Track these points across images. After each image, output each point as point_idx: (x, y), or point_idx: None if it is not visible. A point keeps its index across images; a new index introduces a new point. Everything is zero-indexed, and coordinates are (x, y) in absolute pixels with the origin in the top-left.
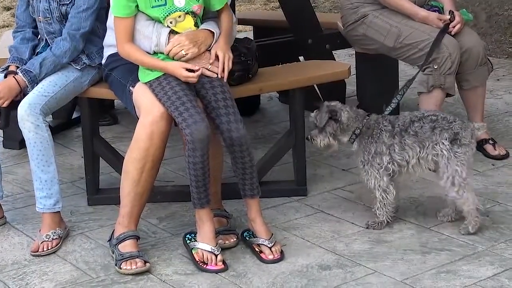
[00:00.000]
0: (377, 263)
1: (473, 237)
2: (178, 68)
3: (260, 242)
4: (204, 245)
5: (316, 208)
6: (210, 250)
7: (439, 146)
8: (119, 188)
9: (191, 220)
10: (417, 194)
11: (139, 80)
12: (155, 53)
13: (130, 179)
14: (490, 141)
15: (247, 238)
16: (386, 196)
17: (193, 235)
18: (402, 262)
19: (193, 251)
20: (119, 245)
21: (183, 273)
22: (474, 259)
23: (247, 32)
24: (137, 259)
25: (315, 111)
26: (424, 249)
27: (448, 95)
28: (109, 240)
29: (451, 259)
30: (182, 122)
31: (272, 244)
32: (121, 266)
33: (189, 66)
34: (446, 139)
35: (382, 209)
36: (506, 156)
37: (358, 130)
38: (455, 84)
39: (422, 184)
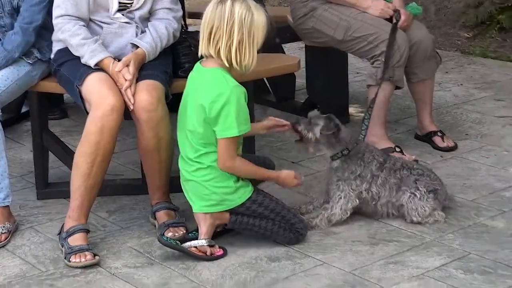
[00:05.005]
0: (326, 255)
1: (421, 228)
2: (291, 176)
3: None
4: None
5: None
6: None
7: (413, 189)
8: (69, 182)
9: (141, 213)
10: None
11: (85, 77)
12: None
13: (80, 173)
14: (439, 133)
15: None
16: (341, 218)
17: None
18: (350, 253)
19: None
20: (68, 239)
21: (132, 266)
22: (422, 250)
23: (198, 26)
24: (86, 252)
25: (317, 113)
26: (373, 240)
27: (397, 87)
28: (59, 234)
29: (399, 250)
30: (299, 222)
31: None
32: (70, 259)
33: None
34: (424, 188)
35: (323, 223)
36: (454, 148)
37: (347, 151)
38: (404, 77)
39: None
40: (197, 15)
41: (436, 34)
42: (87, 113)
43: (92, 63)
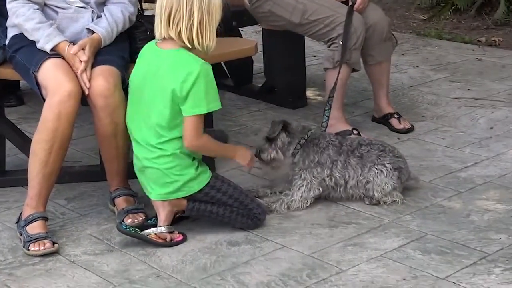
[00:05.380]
0: (285, 238)
1: (379, 209)
2: (247, 153)
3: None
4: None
5: None
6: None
7: (380, 166)
8: (26, 169)
9: (100, 200)
10: None
11: (41, 63)
12: None
13: (38, 160)
14: (395, 115)
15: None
16: (301, 206)
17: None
18: (310, 236)
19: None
20: (27, 227)
21: (92, 253)
22: (380, 231)
23: (154, 10)
24: (45, 240)
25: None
26: (332, 223)
27: (353, 70)
28: (17, 222)
29: (357, 232)
30: (257, 208)
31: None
32: (29, 248)
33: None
34: (390, 164)
35: (282, 208)
36: (411, 129)
37: (303, 140)
38: (361, 60)
39: None
40: (153, 0)
41: (392, 16)
42: (44, 99)
43: (48, 47)
